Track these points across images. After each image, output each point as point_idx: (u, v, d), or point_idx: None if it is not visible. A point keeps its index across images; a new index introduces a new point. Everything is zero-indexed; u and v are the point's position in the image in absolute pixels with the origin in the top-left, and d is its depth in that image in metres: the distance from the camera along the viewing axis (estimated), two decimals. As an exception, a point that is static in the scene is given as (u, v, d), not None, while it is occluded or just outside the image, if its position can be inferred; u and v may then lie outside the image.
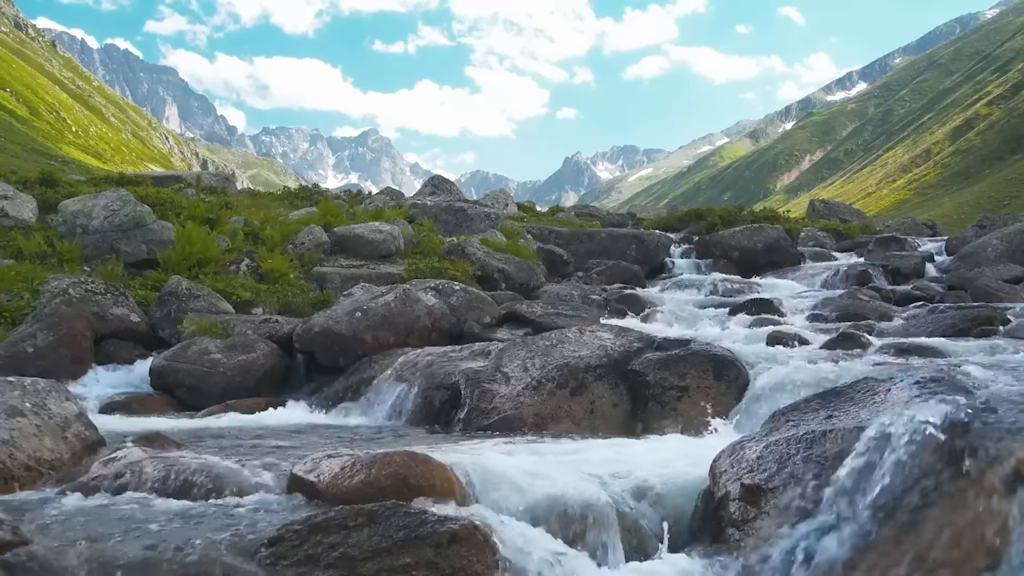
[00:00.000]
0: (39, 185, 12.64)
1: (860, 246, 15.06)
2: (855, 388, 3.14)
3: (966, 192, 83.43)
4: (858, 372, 4.28)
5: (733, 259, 13.52)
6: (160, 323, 7.29)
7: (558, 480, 2.86)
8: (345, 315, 6.40)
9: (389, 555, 2.18)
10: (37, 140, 64.39)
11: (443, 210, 14.10)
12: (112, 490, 2.81)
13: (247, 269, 9.30)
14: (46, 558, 2.08)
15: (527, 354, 5.03)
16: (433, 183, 20.91)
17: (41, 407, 3.31)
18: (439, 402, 4.95)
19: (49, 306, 6.78)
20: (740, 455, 2.80)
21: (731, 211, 19.66)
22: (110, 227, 9.17)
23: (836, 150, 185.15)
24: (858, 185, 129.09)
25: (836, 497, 2.27)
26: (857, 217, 22.99)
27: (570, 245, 13.75)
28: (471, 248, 10.62)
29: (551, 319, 7.14)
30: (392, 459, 2.73)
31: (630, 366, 4.80)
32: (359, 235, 10.69)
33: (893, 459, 2.13)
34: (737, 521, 2.56)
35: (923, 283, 10.32)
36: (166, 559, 2.11)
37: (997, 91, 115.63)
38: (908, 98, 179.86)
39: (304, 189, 19.99)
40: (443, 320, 6.93)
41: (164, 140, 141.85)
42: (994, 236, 12.39)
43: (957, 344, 5.59)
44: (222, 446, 3.86)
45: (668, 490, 2.92)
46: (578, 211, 23.19)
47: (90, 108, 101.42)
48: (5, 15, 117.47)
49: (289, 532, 2.23)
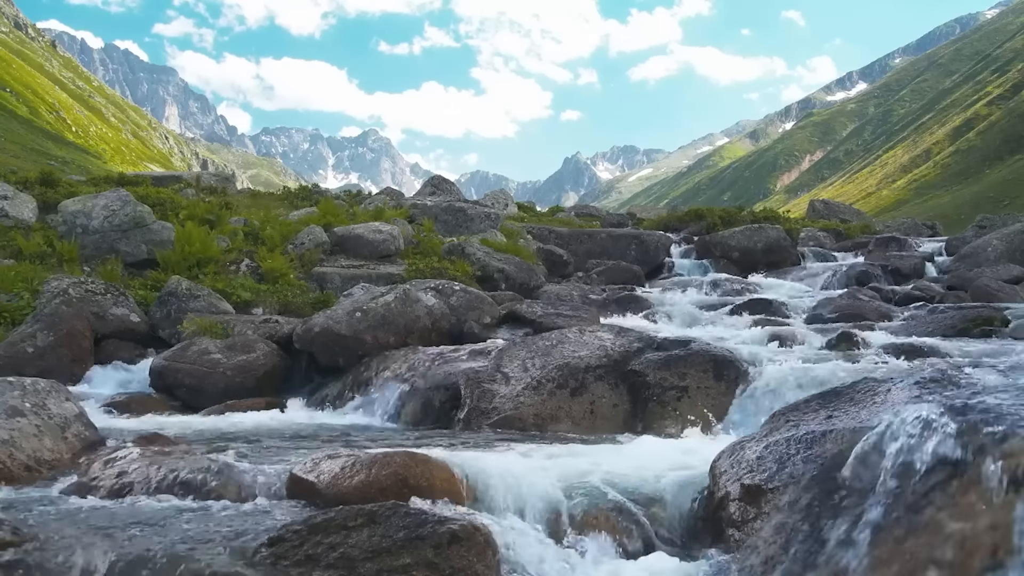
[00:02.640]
0: (39, 185, 12.65)
1: (860, 246, 15.06)
2: (855, 388, 3.14)
3: (966, 192, 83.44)
4: (858, 372, 4.28)
5: (733, 259, 13.51)
6: (160, 323, 7.29)
7: (558, 480, 2.86)
8: (345, 315, 6.40)
9: (389, 555, 2.18)
10: (37, 140, 64.38)
11: (443, 210, 14.09)
12: (112, 490, 2.81)
13: (247, 269, 9.29)
14: (46, 558, 2.08)
15: (527, 354, 5.03)
16: (433, 183, 20.91)
17: (41, 407, 3.31)
18: (439, 402, 4.95)
19: (49, 306, 6.78)
20: (740, 455, 2.80)
21: (731, 211, 19.67)
22: (110, 227, 9.17)
23: (836, 150, 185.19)
24: (858, 185, 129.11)
25: (836, 497, 2.26)
26: (857, 217, 22.99)
27: (570, 245, 13.75)
28: (471, 248, 10.62)
29: (551, 319, 7.14)
30: (392, 459, 2.73)
31: (630, 366, 4.80)
32: (359, 235, 10.69)
33: (893, 459, 2.13)
34: (737, 521, 2.56)
35: (923, 283, 10.32)
36: (166, 559, 2.11)
37: (997, 91, 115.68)
38: (908, 98, 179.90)
39: (304, 189, 19.99)
40: (443, 320, 6.93)
41: (164, 140, 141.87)
42: (994, 236, 12.39)
43: (957, 344, 5.58)
44: (222, 446, 3.85)
45: (668, 490, 2.92)
46: (578, 211, 23.18)
47: (90, 108, 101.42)
48: (5, 15, 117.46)
49: (289, 532, 2.23)
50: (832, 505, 2.26)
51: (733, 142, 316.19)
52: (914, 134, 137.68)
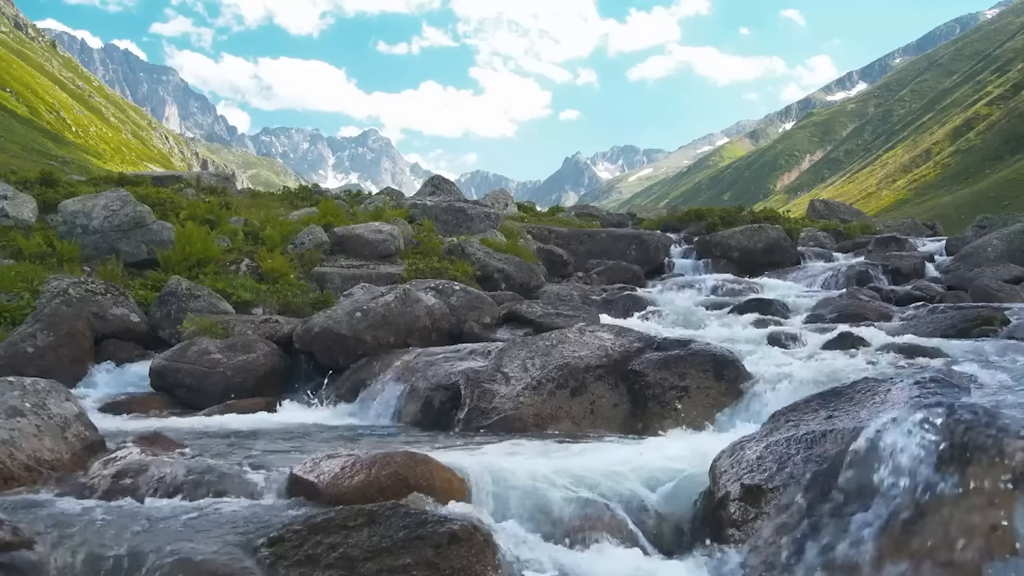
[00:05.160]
0: (39, 185, 12.65)
1: (860, 246, 15.05)
2: (855, 388, 3.14)
3: (966, 192, 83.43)
4: (858, 372, 4.28)
5: (733, 259, 13.51)
6: (160, 323, 7.29)
7: (558, 480, 2.86)
8: (345, 315, 6.40)
9: (389, 555, 2.18)
10: (37, 140, 64.40)
11: (443, 210, 14.10)
12: (112, 490, 2.81)
13: (247, 269, 9.30)
14: (46, 558, 2.08)
15: (527, 354, 5.03)
16: (433, 183, 20.90)
17: (41, 407, 3.31)
18: (439, 402, 4.95)
19: (49, 306, 6.78)
20: (740, 455, 2.80)
21: (731, 211, 19.65)
22: (110, 227, 9.17)
23: (836, 150, 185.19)
24: (858, 185, 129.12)
25: (837, 497, 2.26)
26: (857, 217, 22.97)
27: (570, 245, 13.75)
28: (471, 248, 10.62)
29: (551, 319, 7.13)
30: (392, 459, 2.73)
31: (630, 366, 4.80)
32: (359, 235, 10.69)
33: (894, 459, 2.13)
34: (737, 521, 2.56)
35: (923, 283, 10.32)
36: (165, 559, 2.11)
37: (997, 91, 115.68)
38: (908, 98, 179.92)
39: (304, 189, 19.98)
40: (443, 320, 6.93)
41: (164, 140, 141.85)
42: (994, 236, 12.39)
43: (957, 344, 5.58)
44: (222, 446, 3.86)
45: (668, 490, 2.92)
46: (578, 211, 23.17)
47: (90, 108, 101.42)
48: (5, 15, 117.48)
49: (289, 532, 2.23)
50: (832, 505, 2.26)
51: (733, 142, 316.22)
52: (914, 134, 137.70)
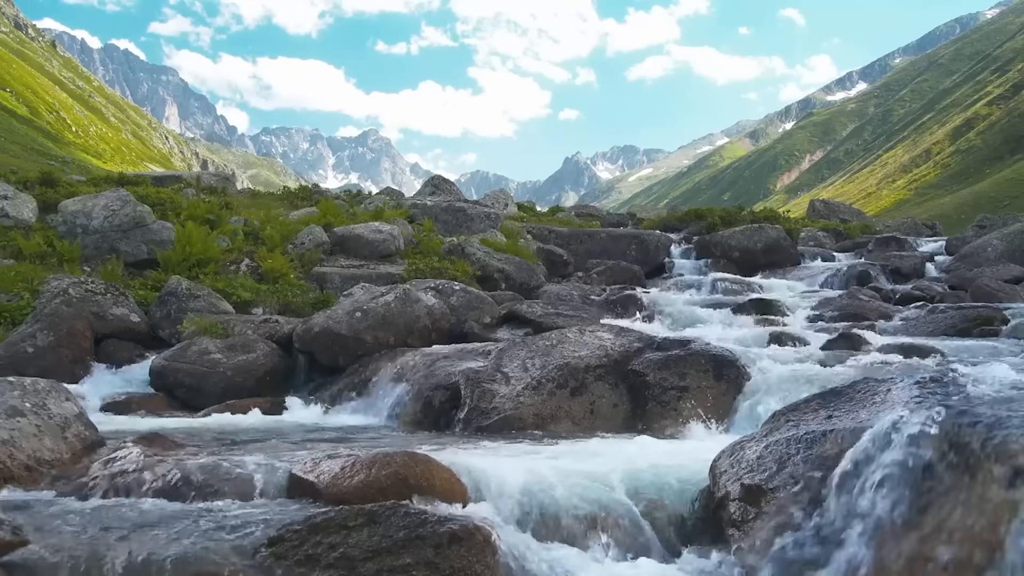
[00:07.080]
0: (39, 185, 12.65)
1: (860, 246, 15.05)
2: (855, 388, 3.13)
3: (966, 192, 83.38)
4: (858, 372, 4.28)
5: (733, 259, 13.50)
6: (160, 323, 7.29)
7: (558, 480, 2.86)
8: (345, 315, 6.40)
9: (389, 555, 2.18)
10: (37, 140, 64.38)
11: (443, 210, 14.09)
12: (112, 490, 2.81)
13: (247, 269, 9.30)
14: (46, 558, 2.08)
15: (527, 354, 5.03)
16: (433, 183, 20.90)
17: (41, 407, 3.31)
18: (439, 402, 4.95)
19: (49, 306, 6.78)
20: (740, 455, 2.80)
21: (731, 211, 19.64)
22: (110, 227, 9.17)
23: (836, 150, 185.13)
24: (858, 185, 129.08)
25: (837, 497, 2.26)
26: (857, 217, 22.97)
27: (570, 245, 13.75)
28: (471, 248, 10.62)
29: (551, 319, 7.14)
30: (392, 459, 2.73)
31: (630, 366, 4.80)
32: (359, 235, 10.69)
33: (894, 459, 2.13)
34: (737, 521, 2.56)
35: (923, 283, 10.32)
36: (166, 559, 2.11)
37: (997, 91, 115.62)
38: (908, 98, 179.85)
39: (304, 189, 19.98)
40: (443, 320, 6.93)
41: (164, 140, 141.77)
42: (994, 236, 12.40)
43: (957, 344, 5.58)
44: (222, 446, 3.86)
45: (668, 490, 2.92)
46: (578, 211, 23.17)
47: (90, 108, 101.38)
48: (5, 15, 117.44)
49: (289, 532, 2.23)
50: (832, 505, 2.26)
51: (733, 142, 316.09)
52: (914, 134, 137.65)
